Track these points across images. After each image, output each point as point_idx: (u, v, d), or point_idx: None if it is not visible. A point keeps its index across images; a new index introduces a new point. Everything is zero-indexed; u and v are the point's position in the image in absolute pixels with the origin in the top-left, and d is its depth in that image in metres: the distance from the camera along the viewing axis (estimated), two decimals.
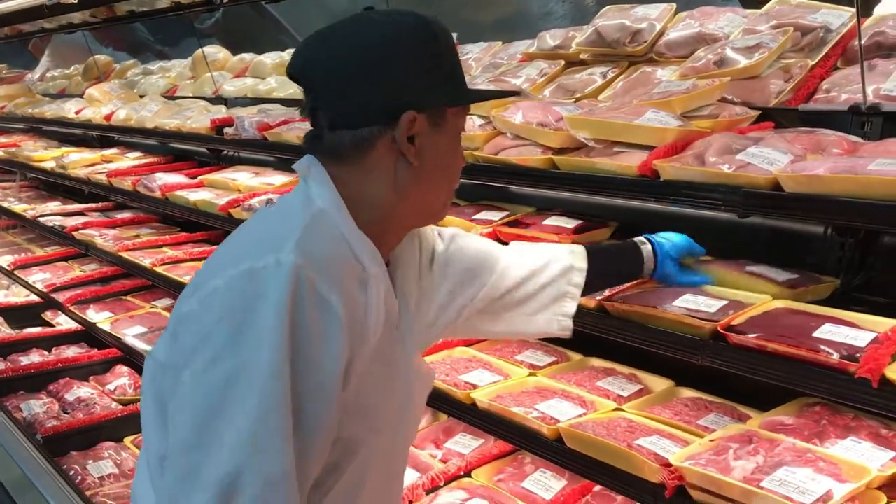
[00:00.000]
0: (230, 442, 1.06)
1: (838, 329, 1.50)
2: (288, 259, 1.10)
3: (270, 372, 1.07)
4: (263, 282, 1.09)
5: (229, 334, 1.09)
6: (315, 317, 1.11)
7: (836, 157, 1.60)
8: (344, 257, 1.21)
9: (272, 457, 1.07)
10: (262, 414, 1.06)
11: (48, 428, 3.13)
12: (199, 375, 1.10)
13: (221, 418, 1.07)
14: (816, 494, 1.39)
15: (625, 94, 2.22)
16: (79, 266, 4.55)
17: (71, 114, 4.86)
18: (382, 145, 1.22)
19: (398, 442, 1.39)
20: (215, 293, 1.12)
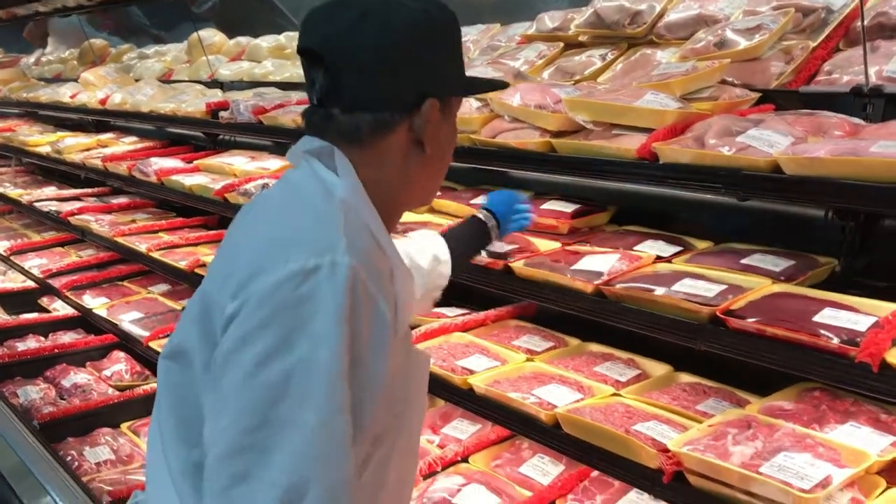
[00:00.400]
0: (291, 447, 1.02)
1: (838, 313, 1.49)
2: (343, 261, 1.07)
3: (330, 374, 1.04)
4: (318, 283, 1.05)
5: (283, 335, 1.04)
6: (367, 318, 1.10)
7: (838, 140, 1.58)
8: (375, 251, 1.18)
9: (336, 464, 1.05)
10: (325, 419, 1.04)
11: (45, 414, 3.13)
12: (248, 376, 1.05)
13: (278, 421, 1.03)
14: (815, 480, 1.38)
15: (624, 76, 2.20)
16: (75, 251, 4.54)
17: (66, 98, 4.82)
18: (401, 130, 1.21)
19: (415, 425, 1.39)
20: (262, 292, 1.07)
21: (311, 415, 1.03)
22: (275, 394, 1.03)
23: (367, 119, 1.19)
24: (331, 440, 1.04)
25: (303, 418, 1.03)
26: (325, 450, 1.04)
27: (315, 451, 1.03)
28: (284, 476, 1.02)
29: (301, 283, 1.05)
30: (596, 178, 1.93)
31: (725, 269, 1.79)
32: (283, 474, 1.02)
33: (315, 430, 1.03)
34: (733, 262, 1.81)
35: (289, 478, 1.02)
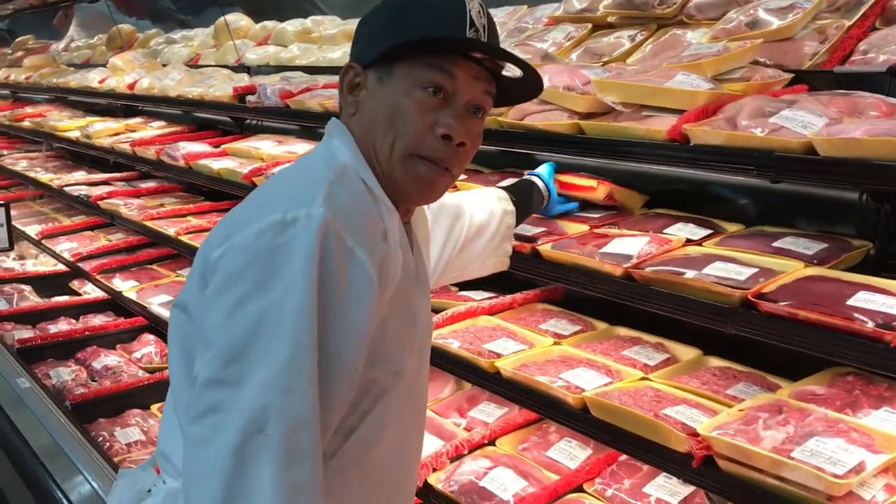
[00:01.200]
0: (259, 380, 1.09)
1: (873, 297, 1.46)
2: (318, 213, 1.14)
3: (299, 316, 1.10)
4: (293, 233, 1.12)
5: (258, 278, 1.12)
6: (342, 268, 1.15)
7: (874, 120, 1.54)
8: (368, 210, 1.24)
9: (299, 397, 1.10)
10: (291, 355, 1.10)
11: (76, 395, 3.17)
12: (227, 316, 1.13)
13: (249, 357, 1.10)
14: (848, 465, 1.36)
15: (654, 57, 2.17)
16: (104, 235, 4.59)
17: (95, 83, 4.86)
18: (342, 97, 1.34)
19: (418, 388, 1.43)
20: (244, 240, 1.14)
21: (279, 350, 1.10)
22: (250, 331, 1.10)
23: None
24: (297, 374, 1.10)
25: (272, 353, 1.10)
26: (291, 383, 1.10)
27: (281, 384, 1.09)
28: (250, 405, 1.08)
29: (279, 233, 1.13)
30: (625, 160, 1.91)
31: (757, 252, 1.77)
32: (250, 403, 1.08)
33: (282, 364, 1.09)
34: (765, 246, 1.79)
35: (254, 406, 1.08)
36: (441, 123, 1.27)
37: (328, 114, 2.81)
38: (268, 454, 1.08)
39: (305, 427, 1.11)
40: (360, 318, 1.18)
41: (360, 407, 1.27)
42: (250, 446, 1.08)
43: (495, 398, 2.37)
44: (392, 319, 1.27)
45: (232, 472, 1.07)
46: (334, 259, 1.14)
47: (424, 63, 1.26)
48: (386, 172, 1.29)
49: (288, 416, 1.09)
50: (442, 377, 2.46)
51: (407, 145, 1.27)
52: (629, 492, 1.95)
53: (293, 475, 1.09)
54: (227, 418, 1.09)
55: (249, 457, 1.08)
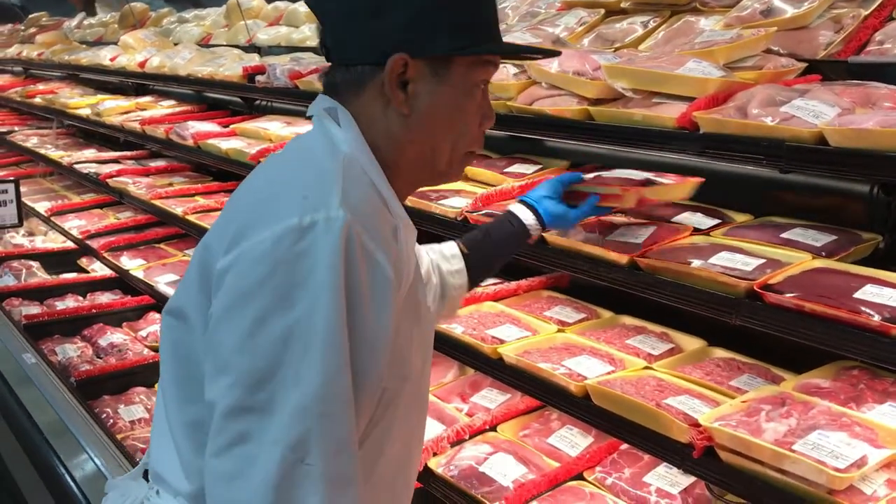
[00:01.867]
0: (293, 405, 1.01)
1: (881, 290, 1.45)
2: (338, 215, 1.05)
3: (331, 332, 1.03)
4: (314, 239, 1.04)
5: (279, 292, 1.03)
6: (364, 274, 1.07)
7: (887, 111, 1.52)
8: (377, 207, 1.17)
9: (338, 421, 1.04)
10: (325, 377, 1.02)
11: (82, 372, 3.19)
12: (246, 336, 1.04)
13: (279, 380, 1.02)
14: (851, 459, 1.35)
15: (666, 43, 2.14)
16: (113, 213, 4.60)
17: (106, 61, 4.86)
18: (373, 87, 1.17)
19: (423, 386, 1.37)
20: (258, 249, 1.05)
21: (312, 372, 1.02)
22: (276, 352, 1.02)
23: (342, 74, 1.19)
24: (334, 397, 1.03)
25: (304, 376, 1.02)
26: (328, 407, 1.03)
27: (318, 409, 1.02)
28: (287, 434, 1.01)
29: (298, 239, 1.03)
30: (634, 147, 1.89)
31: (764, 243, 1.75)
32: (286, 432, 1.01)
33: (317, 387, 1.02)
34: (773, 236, 1.77)
35: (291, 435, 1.01)
36: (488, 116, 1.25)
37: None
38: (311, 486, 1.01)
39: (346, 452, 1.05)
40: (384, 326, 1.11)
41: (375, 416, 1.20)
42: (292, 478, 1.00)
43: (498, 384, 2.37)
44: (402, 321, 1.19)
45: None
46: (358, 265, 1.06)
47: (482, 60, 1.21)
48: (445, 169, 1.25)
49: (329, 442, 1.02)
50: (445, 362, 2.46)
51: (466, 145, 1.24)
52: (629, 481, 1.95)
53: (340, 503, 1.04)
54: (261, 450, 1.01)
55: (292, 489, 1.01)
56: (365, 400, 1.11)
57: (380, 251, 1.10)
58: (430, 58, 1.15)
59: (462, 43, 1.16)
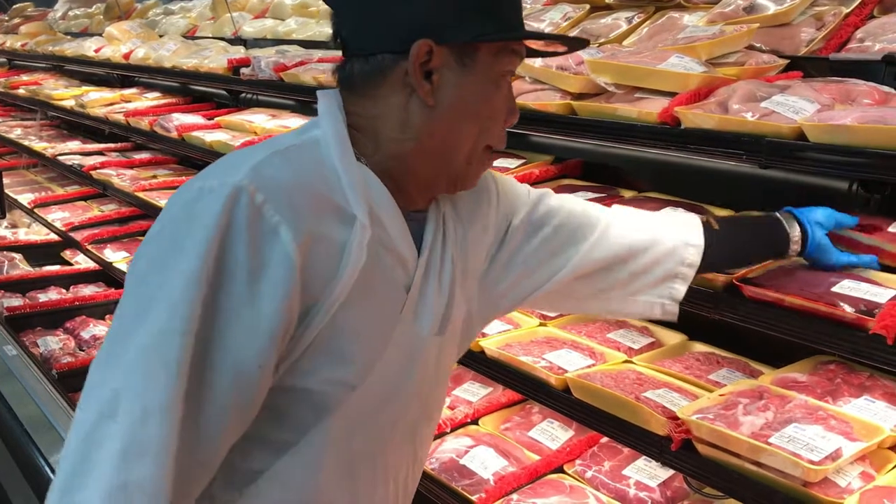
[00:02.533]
0: (124, 362, 0.97)
1: (858, 285, 1.46)
2: (232, 181, 1.00)
3: (179, 295, 0.97)
4: (203, 202, 1.00)
5: (158, 252, 1.01)
6: (254, 244, 1.00)
7: (866, 108, 1.53)
8: (321, 190, 1.07)
9: (154, 386, 0.96)
10: (159, 338, 0.97)
11: (63, 364, 3.18)
12: (128, 291, 1.02)
13: (129, 337, 0.98)
14: (825, 452, 1.36)
15: (649, 39, 2.15)
16: (97, 206, 4.58)
17: (91, 52, 4.82)
18: (395, 77, 1.10)
19: (392, 412, 1.22)
20: (164, 211, 1.04)
21: (151, 331, 0.97)
22: (137, 308, 0.99)
23: (359, 64, 1.12)
24: (158, 359, 0.97)
25: (143, 332, 0.97)
26: (150, 368, 0.96)
27: (139, 368, 0.97)
28: (108, 386, 0.97)
29: (195, 201, 1.00)
30: (616, 141, 1.89)
31: None
32: (108, 386, 0.97)
33: (146, 346, 0.97)
34: None
35: (111, 388, 0.96)
36: (513, 111, 1.17)
37: (322, 88, 2.79)
38: (110, 444, 0.95)
39: (155, 420, 0.96)
40: (268, 307, 1.00)
41: (292, 419, 1.12)
42: (99, 433, 0.96)
43: (480, 378, 2.37)
44: (346, 324, 1.09)
45: (80, 456, 0.96)
46: (245, 232, 0.99)
47: (508, 48, 1.13)
48: (462, 167, 1.16)
49: (139, 405, 0.96)
50: None
51: (488, 139, 1.16)
52: (609, 474, 1.96)
53: (129, 471, 0.95)
54: (93, 399, 0.98)
55: (95, 444, 0.96)
56: (229, 383, 1.01)
57: (286, 226, 1.01)
58: (455, 45, 1.09)
59: (489, 29, 1.09)
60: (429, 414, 1.33)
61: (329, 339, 1.08)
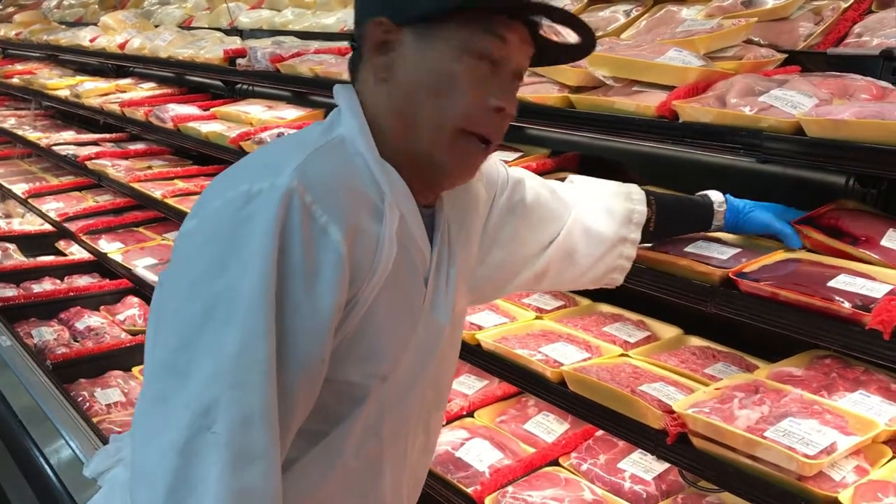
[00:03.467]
0: (207, 371, 0.99)
1: (854, 280, 1.46)
2: (282, 182, 1.02)
3: (253, 300, 0.99)
4: (255, 206, 1.02)
5: (214, 257, 1.02)
6: (308, 245, 1.03)
7: (864, 103, 1.53)
8: (356, 186, 1.11)
9: (251, 392, 0.99)
10: (243, 345, 0.99)
11: (58, 355, 3.17)
12: (182, 298, 1.03)
13: (200, 345, 1.00)
14: (821, 446, 1.37)
15: (648, 32, 2.14)
16: (92, 196, 4.56)
17: (86, 42, 4.80)
18: (365, 61, 1.16)
19: (413, 400, 1.26)
20: (209, 213, 1.05)
21: (229, 339, 0.99)
22: (203, 316, 1.00)
23: (354, 54, 1.19)
24: (248, 366, 0.99)
25: (222, 342, 0.99)
26: (241, 376, 0.99)
27: (230, 377, 0.99)
28: (197, 399, 0.98)
29: (243, 206, 1.02)
30: (614, 135, 1.89)
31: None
32: (196, 397, 0.98)
33: (231, 354, 0.99)
34: None
35: (202, 401, 0.98)
36: (496, 95, 1.13)
37: (319, 80, 2.78)
38: (214, 454, 0.97)
39: (257, 424, 1.00)
40: (325, 303, 1.05)
41: (330, 410, 1.16)
42: (197, 445, 0.98)
43: (476, 371, 2.38)
44: (378, 315, 1.13)
45: (177, 472, 0.97)
46: (300, 233, 1.02)
47: (476, 26, 1.10)
48: (425, 149, 1.14)
49: (237, 413, 0.98)
50: None
51: (458, 119, 1.12)
52: (604, 467, 1.96)
53: (242, 478, 0.98)
54: (174, 413, 0.99)
55: (195, 456, 0.97)
56: (301, 377, 1.06)
57: (334, 225, 1.05)
58: (414, 24, 1.10)
59: (447, 4, 1.08)
60: (440, 402, 1.38)
61: (363, 331, 1.13)
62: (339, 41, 3.23)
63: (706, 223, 1.67)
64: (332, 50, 2.96)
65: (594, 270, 1.54)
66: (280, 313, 1.02)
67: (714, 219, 1.67)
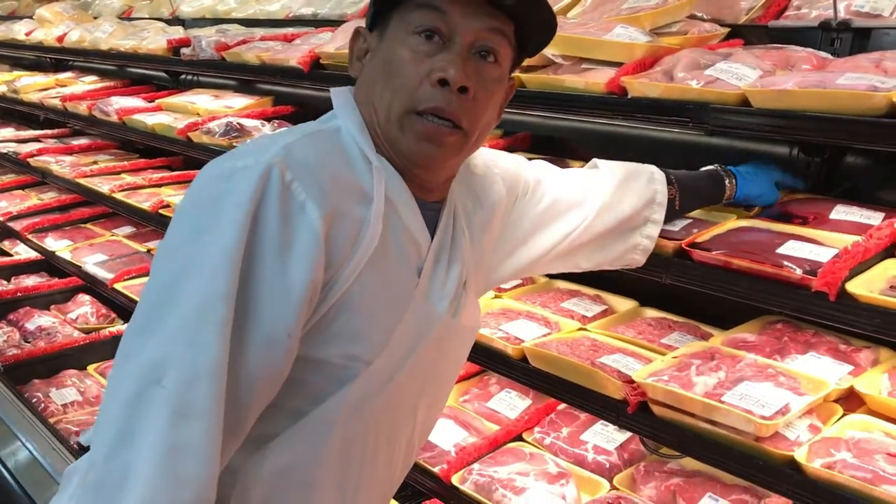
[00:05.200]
0: (166, 329, 1.01)
1: (802, 245, 1.51)
2: (265, 159, 1.06)
3: (217, 264, 1.02)
4: (236, 179, 1.05)
5: (192, 226, 1.06)
6: (285, 220, 1.05)
7: (805, 73, 1.57)
8: (343, 172, 1.14)
9: (202, 349, 1.00)
10: (201, 305, 1.01)
11: (9, 356, 3.10)
12: (160, 263, 1.07)
13: (167, 306, 1.02)
14: (775, 407, 1.41)
15: (594, 10, 2.16)
16: (36, 194, 4.44)
17: (21, 35, 4.66)
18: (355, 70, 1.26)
19: (400, 388, 1.25)
20: (194, 188, 1.09)
21: (190, 297, 1.02)
22: (174, 278, 1.04)
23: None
24: (204, 324, 1.01)
25: (184, 301, 1.02)
26: (196, 334, 1.01)
27: (185, 334, 1.01)
28: (151, 354, 1.01)
29: (226, 180, 1.06)
30: (564, 112, 1.92)
31: None
32: (152, 352, 1.01)
33: (189, 314, 1.01)
34: None
35: (154, 356, 1.00)
36: (438, 68, 1.12)
37: (266, 67, 2.75)
38: (157, 407, 0.99)
39: (203, 383, 1.00)
40: (297, 278, 1.05)
41: (310, 389, 1.16)
42: (144, 398, 0.99)
43: None
44: (359, 299, 1.13)
45: (123, 422, 0.99)
46: (277, 207, 1.04)
47: (413, 4, 1.14)
48: (388, 137, 1.17)
49: (186, 370, 1.00)
50: None
51: (404, 101, 1.13)
52: (567, 440, 2.00)
53: (179, 433, 0.99)
54: (131, 368, 1.02)
55: (141, 409, 0.99)
56: (267, 348, 1.06)
57: (312, 203, 1.06)
58: (378, 25, 1.19)
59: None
60: (431, 395, 1.36)
61: (343, 314, 1.13)
62: (284, 27, 3.19)
63: (721, 195, 1.69)
64: (279, 37, 2.93)
65: (617, 252, 1.55)
66: (249, 282, 1.04)
67: (726, 191, 1.68)
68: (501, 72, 1.19)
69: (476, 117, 1.16)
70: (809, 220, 1.65)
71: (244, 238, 1.03)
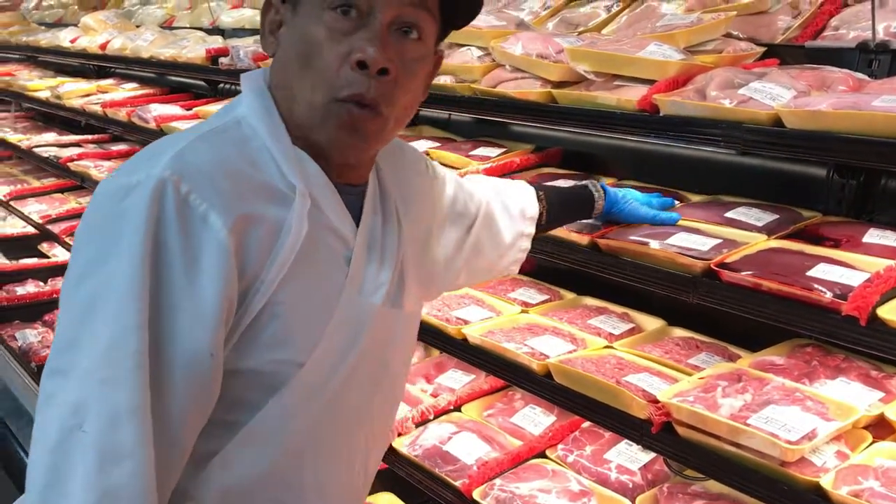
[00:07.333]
0: (81, 368, 0.96)
1: (832, 269, 1.48)
2: (155, 173, 0.98)
3: (124, 295, 0.96)
4: (130, 199, 0.98)
5: (95, 252, 0.99)
6: (186, 236, 0.99)
7: (841, 94, 1.56)
8: (246, 170, 1.06)
9: (119, 387, 0.95)
10: (112, 341, 0.95)
11: (42, 357, 3.15)
12: (67, 297, 1.00)
13: (78, 344, 0.97)
14: (802, 432, 1.39)
15: (628, 27, 2.16)
16: (74, 198, 4.53)
17: (66, 42, 4.77)
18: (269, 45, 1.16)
19: (342, 384, 1.18)
20: (93, 206, 1.02)
21: (101, 334, 0.96)
22: (82, 313, 0.97)
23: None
24: (117, 362, 0.95)
25: (96, 337, 0.96)
26: (111, 372, 0.95)
27: (99, 373, 0.95)
28: (71, 397, 0.96)
29: (121, 199, 0.98)
30: (595, 129, 1.91)
31: (711, 223, 1.78)
32: (70, 396, 0.96)
33: (101, 350, 0.96)
34: (717, 215, 1.80)
35: (74, 399, 0.95)
36: (357, 48, 1.03)
37: None
38: (83, 453, 0.94)
39: (125, 422, 0.95)
40: (209, 293, 0.99)
41: (242, 400, 1.11)
42: (66, 445, 0.95)
43: (463, 365, 2.39)
44: (285, 303, 1.07)
45: (49, 473, 0.95)
46: (176, 224, 0.98)
47: None
48: (308, 125, 1.09)
49: (105, 410, 0.94)
50: None
51: (324, 88, 1.05)
52: (590, 458, 1.98)
53: (108, 478, 0.94)
54: (52, 413, 0.96)
55: (65, 456, 0.94)
56: (189, 372, 1.01)
57: (215, 213, 0.99)
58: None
59: None
60: (385, 389, 1.29)
61: (270, 320, 1.07)
62: None
63: (588, 213, 1.77)
64: None
65: (498, 264, 1.60)
66: (159, 307, 0.98)
67: (594, 209, 1.76)
68: (426, 49, 1.11)
69: (397, 100, 1.09)
70: (842, 242, 1.63)
71: (147, 263, 0.97)
